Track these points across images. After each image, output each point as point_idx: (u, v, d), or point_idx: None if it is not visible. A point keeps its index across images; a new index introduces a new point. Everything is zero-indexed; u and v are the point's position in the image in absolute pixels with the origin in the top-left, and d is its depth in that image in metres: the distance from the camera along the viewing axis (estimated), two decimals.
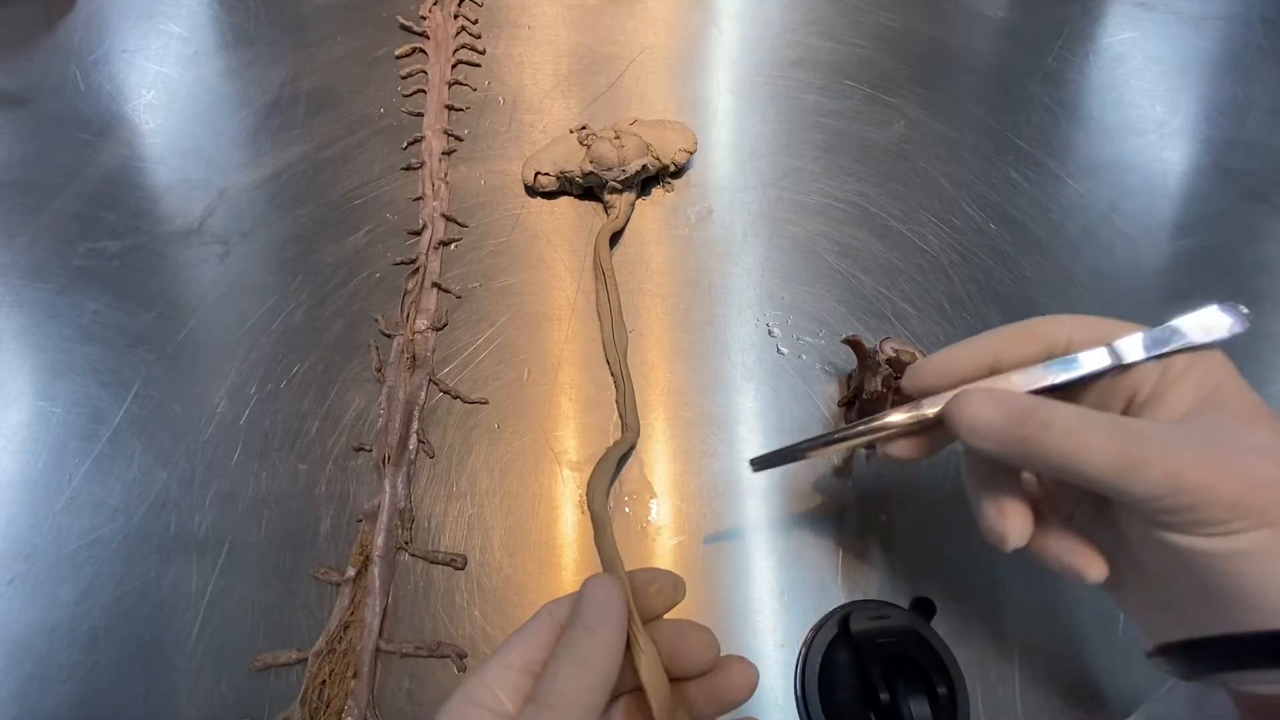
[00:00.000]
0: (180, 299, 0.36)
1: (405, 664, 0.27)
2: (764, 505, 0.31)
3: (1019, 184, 0.42)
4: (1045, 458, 0.20)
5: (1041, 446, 0.20)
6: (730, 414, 0.33)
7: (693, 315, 0.36)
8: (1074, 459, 0.19)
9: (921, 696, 0.25)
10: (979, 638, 0.28)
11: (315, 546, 0.30)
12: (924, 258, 0.38)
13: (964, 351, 0.23)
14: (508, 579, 0.29)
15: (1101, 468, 0.19)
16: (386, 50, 0.48)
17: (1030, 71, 0.48)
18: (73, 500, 0.30)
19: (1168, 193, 0.42)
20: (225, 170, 0.41)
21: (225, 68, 0.47)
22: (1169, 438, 0.19)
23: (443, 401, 0.33)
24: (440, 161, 0.42)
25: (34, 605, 0.28)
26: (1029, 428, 0.20)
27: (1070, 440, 0.19)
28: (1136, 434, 0.19)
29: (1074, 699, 0.27)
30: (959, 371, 0.23)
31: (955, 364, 0.23)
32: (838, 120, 0.45)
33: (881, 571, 0.29)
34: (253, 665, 0.27)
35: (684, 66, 0.48)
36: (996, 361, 0.23)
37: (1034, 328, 0.23)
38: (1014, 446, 0.20)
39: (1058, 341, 0.22)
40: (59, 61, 0.47)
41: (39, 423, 0.32)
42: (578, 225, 0.40)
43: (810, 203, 0.41)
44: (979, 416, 0.21)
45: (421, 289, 0.37)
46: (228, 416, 0.33)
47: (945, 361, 0.23)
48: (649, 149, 0.39)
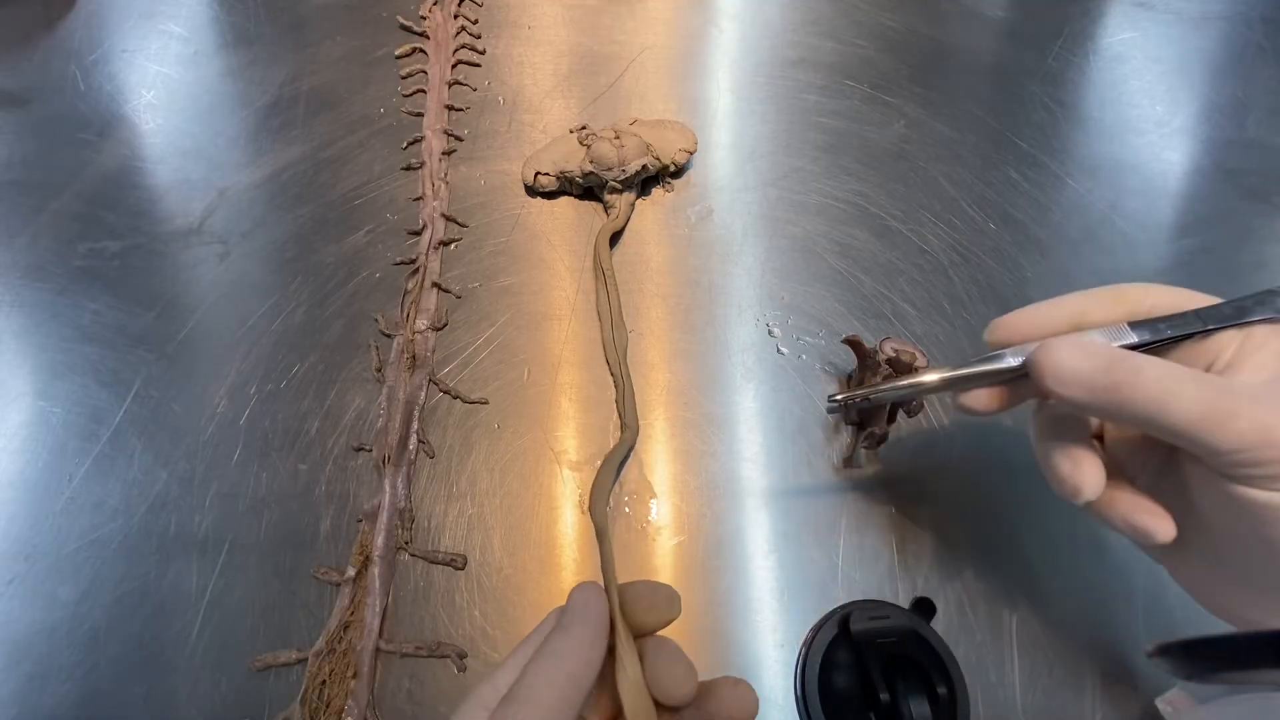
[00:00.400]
0: (180, 299, 0.36)
1: (405, 664, 0.27)
2: (764, 505, 0.31)
3: (1019, 184, 0.42)
4: (1134, 405, 0.20)
5: (1132, 392, 0.20)
6: (730, 414, 0.33)
7: (693, 315, 0.36)
8: (1164, 407, 0.19)
9: (921, 696, 0.25)
10: (979, 638, 0.28)
11: (315, 546, 0.30)
12: (924, 258, 0.38)
13: (1049, 306, 0.24)
14: (508, 579, 0.29)
15: (1190, 417, 0.19)
16: (386, 50, 0.48)
17: (1030, 71, 0.48)
18: (73, 500, 0.30)
19: (1168, 193, 0.42)
20: (225, 170, 0.41)
21: (225, 68, 0.47)
22: (1257, 393, 0.19)
23: (443, 401, 0.33)
24: (440, 161, 0.42)
25: (34, 605, 0.28)
26: (1120, 374, 0.20)
27: (1161, 388, 0.19)
28: (1225, 388, 0.20)
29: (1074, 699, 0.27)
30: (1043, 325, 0.23)
31: (1039, 317, 0.23)
32: (838, 120, 0.45)
33: (881, 571, 0.29)
34: (253, 665, 0.27)
35: (684, 66, 0.48)
36: (1080, 319, 0.23)
37: (1121, 290, 0.23)
38: (1103, 394, 0.20)
39: (1141, 305, 0.23)
40: (59, 61, 0.47)
41: (39, 423, 0.32)
42: (578, 225, 0.40)
43: (810, 203, 0.41)
44: (1067, 363, 0.21)
45: (421, 289, 0.37)
46: (228, 416, 0.33)
47: (1030, 315, 0.24)
48: (649, 149, 0.39)
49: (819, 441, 0.32)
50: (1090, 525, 0.30)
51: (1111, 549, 0.30)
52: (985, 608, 0.28)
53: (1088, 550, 0.30)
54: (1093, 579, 0.29)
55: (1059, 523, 0.30)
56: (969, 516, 0.31)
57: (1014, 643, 0.28)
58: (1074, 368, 0.21)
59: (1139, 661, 0.27)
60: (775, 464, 0.32)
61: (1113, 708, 0.27)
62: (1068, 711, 0.27)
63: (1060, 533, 0.30)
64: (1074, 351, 0.21)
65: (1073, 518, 0.30)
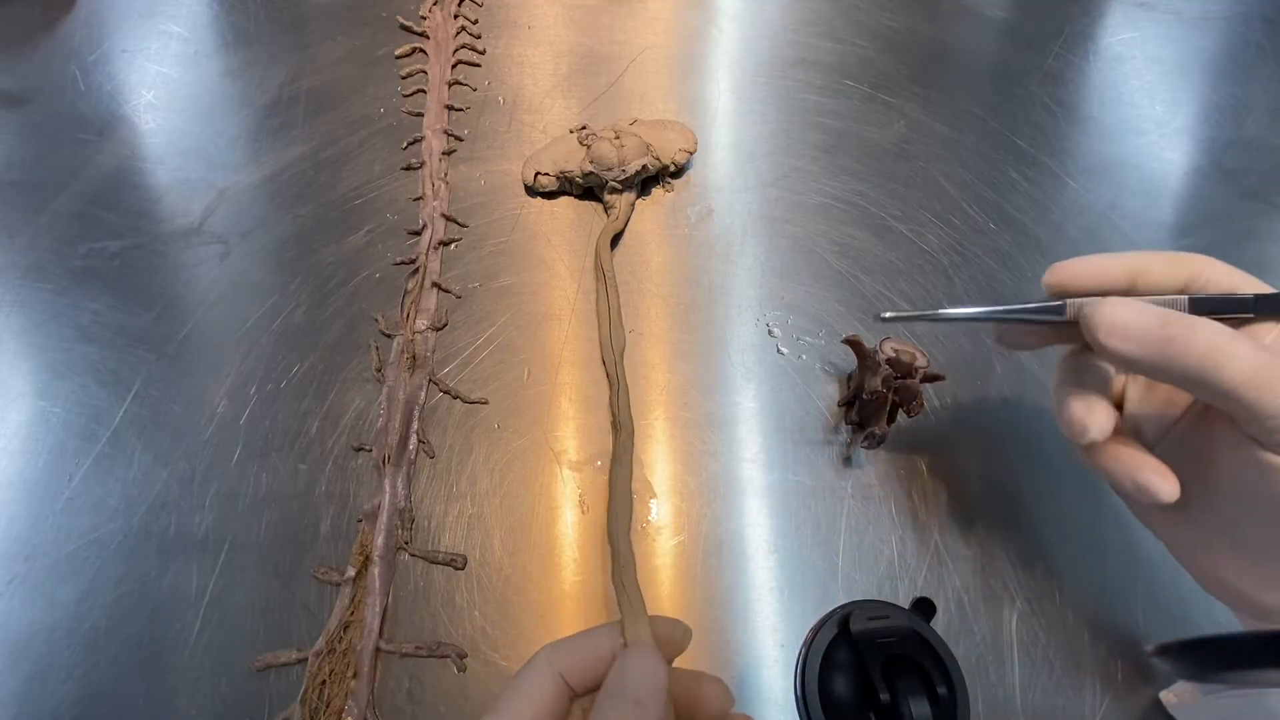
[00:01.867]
0: (180, 299, 0.36)
1: (405, 664, 0.27)
2: (764, 505, 0.31)
3: (1019, 184, 0.42)
4: (1185, 361, 0.20)
5: (1185, 348, 0.20)
6: (730, 414, 0.33)
7: (692, 315, 0.36)
8: (1216, 365, 0.20)
9: (921, 696, 0.25)
10: (979, 638, 0.28)
11: (315, 546, 0.30)
12: (924, 258, 0.38)
13: (1109, 258, 0.24)
14: (508, 579, 0.29)
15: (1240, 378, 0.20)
16: (386, 50, 0.48)
17: (1030, 71, 0.48)
18: (73, 500, 0.30)
19: (1168, 193, 0.42)
20: (225, 170, 0.41)
21: (225, 68, 0.47)
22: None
23: (443, 401, 0.33)
24: (440, 161, 0.42)
25: (34, 605, 0.28)
26: (1173, 330, 0.20)
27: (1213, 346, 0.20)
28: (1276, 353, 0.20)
29: (1074, 699, 0.27)
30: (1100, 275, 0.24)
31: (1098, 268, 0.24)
32: (838, 120, 0.45)
33: (882, 571, 0.29)
34: (253, 665, 0.27)
35: (684, 66, 0.48)
36: (1138, 276, 0.23)
37: (1181, 257, 0.23)
38: (1155, 349, 0.21)
39: (1199, 277, 0.23)
40: (59, 61, 0.47)
41: (39, 423, 0.32)
42: (578, 225, 0.40)
43: (810, 203, 0.41)
44: (1122, 318, 0.21)
45: (421, 289, 0.37)
46: (228, 416, 0.33)
47: (1089, 263, 0.24)
48: (649, 149, 0.39)
49: (819, 441, 0.32)
50: (1090, 525, 0.30)
51: (1111, 549, 0.30)
52: (985, 608, 0.28)
53: (1088, 550, 0.30)
54: (1093, 579, 0.29)
55: (1059, 522, 0.30)
56: (969, 516, 0.31)
57: (1014, 643, 0.28)
58: (1128, 322, 0.21)
59: (1139, 661, 0.27)
60: (775, 464, 0.32)
61: (1113, 707, 0.27)
62: (1068, 711, 0.27)
63: (1060, 533, 0.30)
64: (1129, 307, 0.21)
65: (1073, 518, 0.30)
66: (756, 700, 0.27)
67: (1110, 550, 0.30)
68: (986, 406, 0.34)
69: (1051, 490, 0.31)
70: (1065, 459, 0.32)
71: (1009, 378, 0.34)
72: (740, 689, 0.27)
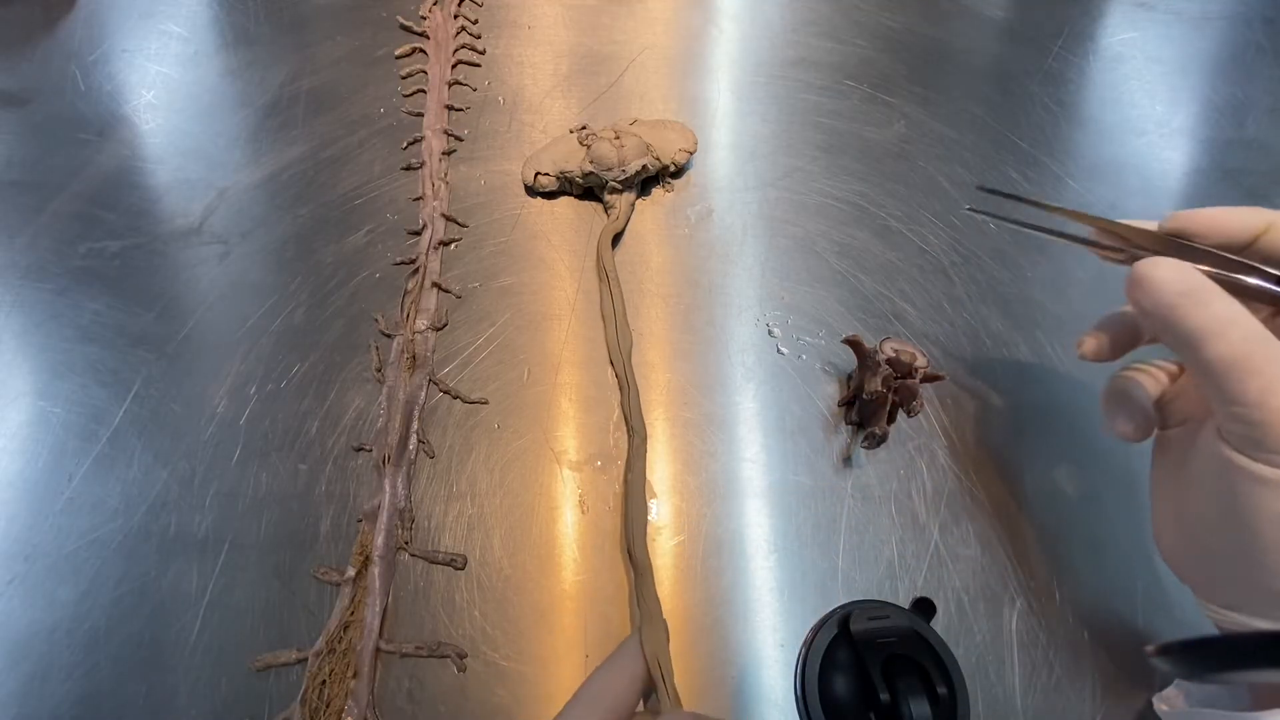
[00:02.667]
0: (180, 299, 0.36)
1: (405, 664, 0.27)
2: (764, 505, 0.31)
3: (1019, 184, 0.42)
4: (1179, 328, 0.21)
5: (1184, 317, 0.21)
6: (730, 414, 0.33)
7: (693, 315, 0.36)
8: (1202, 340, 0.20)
9: (921, 696, 0.25)
10: (979, 638, 0.28)
11: (315, 546, 0.30)
12: (924, 258, 0.38)
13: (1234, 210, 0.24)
14: (508, 579, 0.29)
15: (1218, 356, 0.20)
16: (386, 50, 0.48)
17: (1030, 71, 0.48)
18: (73, 500, 0.30)
19: (1168, 193, 0.42)
20: (225, 170, 0.41)
21: (225, 68, 0.47)
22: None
23: (443, 401, 0.33)
24: (440, 161, 0.42)
25: (34, 605, 0.28)
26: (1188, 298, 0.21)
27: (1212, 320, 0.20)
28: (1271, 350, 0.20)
29: (1074, 699, 0.27)
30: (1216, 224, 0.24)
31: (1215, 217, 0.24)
32: (838, 120, 0.45)
33: (881, 571, 0.29)
34: (253, 665, 0.27)
35: (684, 66, 0.48)
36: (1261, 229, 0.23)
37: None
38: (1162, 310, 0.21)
39: None
40: (59, 61, 0.47)
41: (39, 423, 0.32)
42: (578, 225, 0.40)
43: (810, 203, 0.41)
44: (1154, 274, 0.22)
45: (421, 289, 0.37)
46: (228, 416, 0.33)
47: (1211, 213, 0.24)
48: (649, 149, 0.39)
49: (819, 441, 0.32)
50: (1090, 526, 0.30)
51: (1112, 549, 0.30)
52: (985, 608, 0.28)
53: (1088, 550, 0.30)
54: (1093, 579, 0.29)
55: (1060, 522, 0.30)
56: (969, 516, 0.31)
57: (1014, 643, 0.28)
58: (1156, 280, 0.21)
59: (1139, 661, 0.27)
60: (775, 464, 0.32)
61: (1113, 708, 0.27)
62: (1068, 711, 0.27)
63: (1060, 533, 0.30)
64: (1168, 267, 0.22)
65: (1073, 518, 0.31)
66: (756, 700, 0.27)
67: (1110, 550, 0.30)
68: (987, 407, 0.34)
69: (1051, 490, 0.31)
70: (1065, 459, 0.32)
71: (1010, 378, 0.34)
72: (740, 689, 0.27)
